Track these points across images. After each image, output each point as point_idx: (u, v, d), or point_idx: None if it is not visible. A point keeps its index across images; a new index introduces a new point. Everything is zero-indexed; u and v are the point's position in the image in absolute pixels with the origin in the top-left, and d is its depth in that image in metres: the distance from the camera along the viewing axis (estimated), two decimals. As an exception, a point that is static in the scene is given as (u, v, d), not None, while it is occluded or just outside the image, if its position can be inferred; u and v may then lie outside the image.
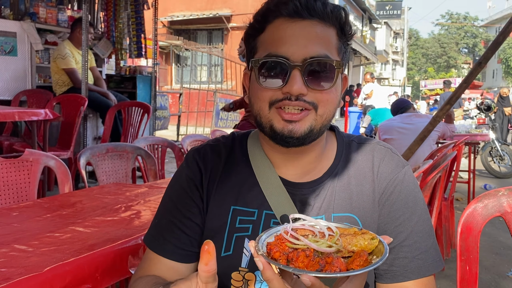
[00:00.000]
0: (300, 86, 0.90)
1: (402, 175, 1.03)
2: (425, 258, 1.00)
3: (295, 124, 0.92)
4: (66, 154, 4.48)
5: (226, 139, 1.11)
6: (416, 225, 1.01)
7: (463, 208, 4.88)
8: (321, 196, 1.01)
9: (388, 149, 1.07)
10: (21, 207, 1.76)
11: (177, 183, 1.08)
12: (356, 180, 1.03)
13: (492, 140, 7.90)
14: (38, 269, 1.08)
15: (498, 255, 4.10)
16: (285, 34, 0.92)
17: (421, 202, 1.04)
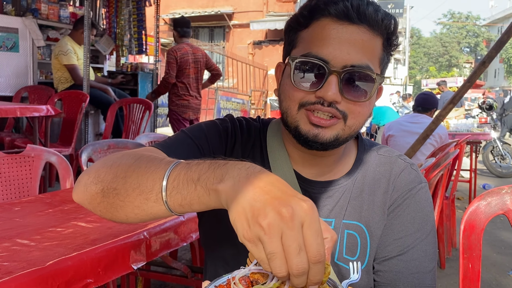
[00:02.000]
0: (335, 93, 0.86)
1: (415, 191, 1.00)
2: (422, 279, 0.97)
3: (322, 130, 0.90)
4: (67, 151, 4.48)
5: (255, 122, 1.08)
6: (419, 243, 0.97)
7: (464, 207, 4.94)
8: (334, 199, 0.99)
9: (408, 163, 1.04)
10: (23, 202, 1.76)
11: (215, 123, 1.02)
12: (369, 189, 1.00)
13: (494, 139, 7.89)
14: (40, 263, 1.08)
15: (499, 254, 4.09)
16: (329, 35, 0.88)
17: (430, 223, 1.00)
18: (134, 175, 0.70)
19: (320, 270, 0.55)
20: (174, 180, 0.65)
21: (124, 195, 0.70)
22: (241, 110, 11.20)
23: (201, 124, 1.03)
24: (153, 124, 6.17)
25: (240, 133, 1.04)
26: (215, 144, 0.99)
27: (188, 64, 5.35)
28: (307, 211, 0.56)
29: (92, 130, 5.43)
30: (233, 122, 1.05)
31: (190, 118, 5.51)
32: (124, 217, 0.73)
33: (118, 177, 0.72)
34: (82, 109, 4.68)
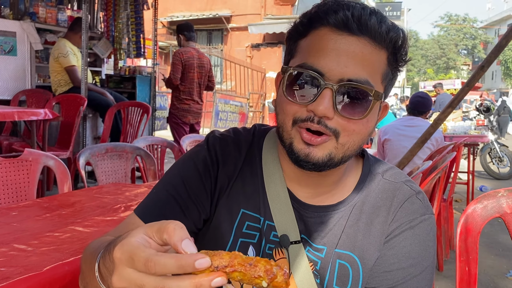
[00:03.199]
0: (326, 108, 0.80)
1: (416, 222, 0.92)
2: None
3: (313, 149, 0.84)
4: (65, 154, 4.48)
5: (247, 133, 1.02)
6: (410, 279, 0.89)
7: (462, 209, 4.93)
8: (328, 227, 0.93)
9: (414, 191, 0.95)
10: (20, 206, 1.75)
11: (191, 161, 0.96)
12: (367, 217, 0.93)
13: (491, 141, 7.90)
14: (37, 268, 1.08)
15: (497, 256, 4.10)
16: (327, 46, 0.82)
17: (428, 259, 0.92)
18: (88, 277, 0.73)
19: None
20: (105, 276, 0.64)
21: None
22: (239, 113, 11.21)
23: (178, 167, 0.97)
24: (151, 127, 6.17)
25: (222, 156, 0.97)
26: (196, 189, 0.94)
27: (192, 68, 5.37)
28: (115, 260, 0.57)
29: (90, 133, 5.43)
30: (213, 146, 0.98)
31: (190, 122, 5.53)
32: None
33: (85, 281, 0.76)
34: (80, 112, 4.68)
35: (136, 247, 0.55)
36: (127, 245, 0.55)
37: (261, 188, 0.95)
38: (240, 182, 0.96)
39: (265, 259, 0.55)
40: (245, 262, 0.54)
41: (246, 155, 0.98)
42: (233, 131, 1.03)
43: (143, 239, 0.56)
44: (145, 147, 3.50)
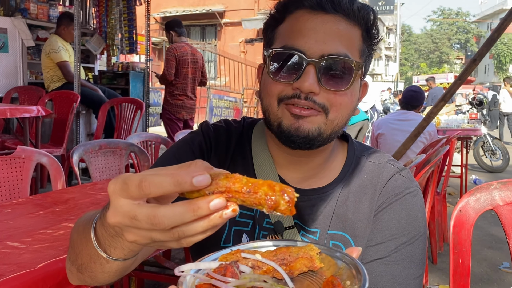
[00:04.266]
0: (312, 83, 0.84)
1: (402, 195, 0.95)
2: (405, 285, 0.90)
3: (303, 121, 0.86)
4: (59, 151, 4.46)
5: (238, 124, 1.05)
6: (403, 248, 0.91)
7: (456, 202, 4.91)
8: (319, 209, 0.96)
9: (397, 168, 0.99)
10: (13, 204, 1.74)
11: (187, 146, 1.00)
12: (355, 196, 0.96)
13: (484, 135, 7.96)
14: (31, 266, 1.07)
15: (490, 248, 4.13)
16: (304, 26, 0.86)
17: (418, 228, 0.94)
18: (80, 247, 0.71)
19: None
20: (102, 240, 0.63)
21: (87, 267, 0.70)
22: (233, 109, 11.19)
23: (173, 150, 1.00)
24: (145, 123, 6.15)
25: (215, 143, 1.00)
26: None
27: (186, 64, 5.36)
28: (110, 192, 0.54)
29: (84, 130, 5.40)
30: (207, 133, 1.02)
31: (184, 118, 5.51)
32: (106, 280, 0.72)
33: (75, 254, 0.73)
34: (73, 109, 4.65)
35: (130, 174, 0.53)
36: (122, 175, 0.53)
37: (252, 177, 0.95)
38: (232, 170, 0.96)
39: (269, 183, 0.51)
40: (244, 188, 0.50)
41: (236, 145, 1.01)
42: (224, 122, 1.06)
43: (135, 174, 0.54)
44: (139, 144, 3.48)
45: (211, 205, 0.49)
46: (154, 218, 0.50)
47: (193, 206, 0.49)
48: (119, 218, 0.53)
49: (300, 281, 0.60)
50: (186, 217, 0.49)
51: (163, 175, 0.50)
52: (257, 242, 0.66)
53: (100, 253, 0.63)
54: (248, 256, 0.60)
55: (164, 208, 0.50)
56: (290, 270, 0.59)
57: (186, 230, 0.51)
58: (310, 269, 0.60)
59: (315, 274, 0.60)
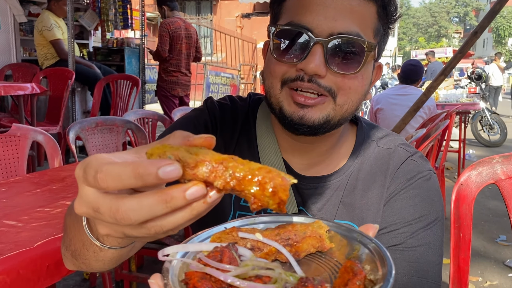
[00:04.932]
0: (318, 65, 0.76)
1: (415, 180, 0.89)
2: (423, 271, 0.84)
3: (308, 110, 0.79)
4: (55, 129, 4.42)
5: (243, 102, 0.98)
6: (420, 233, 0.85)
7: (453, 177, 4.96)
8: (325, 197, 0.90)
9: (409, 153, 0.92)
10: (10, 182, 1.72)
11: (191, 123, 0.93)
12: (363, 184, 0.90)
13: (483, 109, 7.94)
14: (28, 244, 1.06)
15: (487, 222, 4.17)
16: (313, 1, 0.78)
17: (435, 213, 0.88)
18: (73, 233, 0.64)
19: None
20: (93, 226, 0.56)
21: (81, 254, 0.64)
22: (230, 85, 11.10)
23: (176, 126, 0.93)
24: (142, 100, 6.09)
25: (221, 123, 0.94)
26: None
27: (180, 39, 5.26)
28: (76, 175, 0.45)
29: (80, 107, 5.35)
30: (212, 111, 0.95)
31: (179, 94, 5.45)
32: (102, 268, 0.67)
33: (69, 239, 0.67)
34: (68, 86, 4.59)
35: (92, 159, 0.42)
36: (86, 159, 0.43)
37: (258, 161, 0.92)
38: (238, 153, 0.93)
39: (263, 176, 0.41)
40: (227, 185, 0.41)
41: (242, 126, 0.95)
42: (229, 99, 0.99)
43: (108, 155, 0.44)
44: (136, 121, 3.45)
45: (187, 194, 0.40)
46: (117, 212, 0.41)
47: (165, 197, 0.40)
48: (84, 209, 0.44)
49: (307, 263, 0.52)
50: (157, 210, 0.40)
51: (123, 165, 0.40)
52: (255, 217, 0.57)
53: (93, 241, 0.55)
54: (247, 236, 0.51)
55: (130, 200, 0.41)
56: (296, 251, 0.51)
57: (163, 224, 0.42)
58: (318, 250, 0.52)
59: (324, 255, 0.52)
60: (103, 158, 0.42)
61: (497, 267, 3.21)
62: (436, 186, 0.91)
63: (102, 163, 0.41)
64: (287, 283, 0.43)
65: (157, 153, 0.42)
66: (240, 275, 0.44)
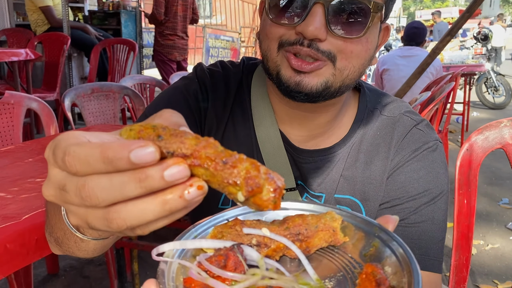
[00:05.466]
0: (318, 27, 0.69)
1: (420, 151, 0.84)
2: (425, 249, 0.81)
3: (305, 76, 0.73)
4: (52, 96, 4.35)
5: (236, 69, 0.91)
6: (423, 209, 0.82)
7: (456, 140, 4.89)
8: (325, 171, 0.85)
9: (414, 121, 0.86)
10: (1, 152, 1.68)
11: (181, 94, 0.87)
12: (366, 157, 0.85)
13: (488, 70, 7.78)
14: (16, 217, 1.02)
15: (490, 185, 4.14)
16: None
17: (439, 187, 0.83)
18: (54, 220, 0.60)
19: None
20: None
21: (63, 243, 0.60)
22: (231, 49, 10.90)
23: (164, 100, 0.88)
24: (139, 65, 5.98)
25: (212, 92, 0.87)
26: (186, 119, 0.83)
27: (176, 1, 5.10)
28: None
29: (77, 73, 5.25)
30: (202, 79, 0.89)
31: (177, 59, 5.33)
32: (86, 256, 0.63)
33: (51, 226, 0.63)
34: (64, 51, 4.48)
35: (61, 139, 0.37)
36: (56, 139, 0.38)
37: (253, 132, 0.87)
38: (231, 125, 0.87)
39: (253, 161, 0.36)
40: (219, 157, 0.35)
41: (236, 95, 0.89)
42: (221, 65, 0.92)
43: (80, 134, 0.38)
44: (133, 87, 3.37)
45: (166, 174, 0.34)
46: (83, 188, 0.35)
47: (139, 174, 0.34)
48: (51, 191, 0.39)
49: (318, 259, 0.47)
50: (128, 190, 0.34)
51: (92, 147, 0.35)
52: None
53: (74, 232, 0.51)
54: (252, 231, 0.45)
55: (99, 177, 0.35)
56: (306, 247, 0.46)
57: (128, 214, 0.35)
58: (331, 244, 0.47)
59: (337, 249, 0.47)
60: (74, 137, 0.37)
61: (499, 230, 3.21)
62: (442, 158, 0.86)
63: (71, 144, 0.36)
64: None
65: (137, 129, 0.36)
66: (249, 287, 0.38)
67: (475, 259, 2.77)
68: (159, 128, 0.35)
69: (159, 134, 0.35)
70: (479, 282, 2.52)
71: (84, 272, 2.54)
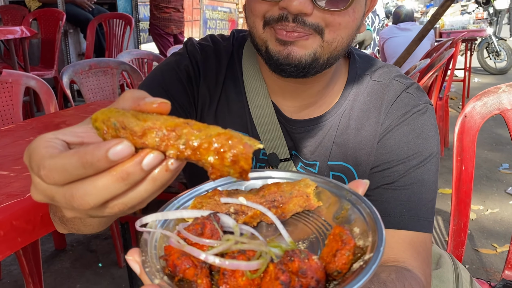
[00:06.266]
0: (302, 1, 0.68)
1: (410, 114, 0.84)
2: (415, 210, 0.81)
3: (292, 47, 0.72)
4: (50, 73, 4.33)
5: (227, 42, 0.91)
6: (413, 171, 0.82)
7: (457, 107, 4.88)
8: (317, 139, 0.87)
9: (404, 85, 0.87)
10: (2, 131, 1.69)
11: (172, 71, 0.87)
12: (356, 123, 0.86)
13: (490, 35, 7.68)
14: (20, 195, 1.03)
15: (490, 150, 4.16)
16: None
17: (429, 149, 0.84)
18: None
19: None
20: None
21: (68, 221, 0.62)
22: (228, 20, 10.74)
23: (157, 77, 0.87)
24: (137, 40, 5.91)
25: (203, 67, 0.87)
26: (182, 100, 0.85)
27: None
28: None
29: (74, 50, 5.20)
30: (193, 54, 0.88)
31: (173, 32, 5.26)
32: (92, 231, 0.65)
33: (54, 206, 0.64)
34: (60, 28, 4.43)
35: (35, 149, 0.38)
36: (31, 145, 0.39)
37: (246, 105, 0.87)
38: (224, 100, 0.88)
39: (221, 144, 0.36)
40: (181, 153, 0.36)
41: (228, 69, 0.89)
42: (211, 39, 0.92)
43: (53, 138, 0.39)
44: (131, 62, 3.35)
45: (144, 164, 0.36)
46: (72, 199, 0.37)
47: (120, 174, 0.36)
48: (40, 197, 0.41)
49: (293, 224, 0.50)
50: (115, 189, 0.37)
51: (67, 156, 0.36)
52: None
53: None
54: (230, 200, 0.48)
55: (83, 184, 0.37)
56: (282, 213, 0.49)
57: (125, 201, 0.38)
58: (306, 209, 0.50)
59: (311, 214, 0.50)
60: (46, 148, 0.38)
61: (499, 195, 3.24)
62: (432, 120, 0.87)
63: (44, 157, 0.37)
64: (273, 257, 0.40)
65: (101, 119, 0.37)
66: (223, 251, 0.41)
67: (474, 224, 2.81)
68: (120, 129, 0.37)
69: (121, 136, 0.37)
70: (479, 246, 2.57)
71: (91, 247, 2.60)
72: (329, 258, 0.40)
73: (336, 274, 0.39)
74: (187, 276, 0.39)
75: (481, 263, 2.42)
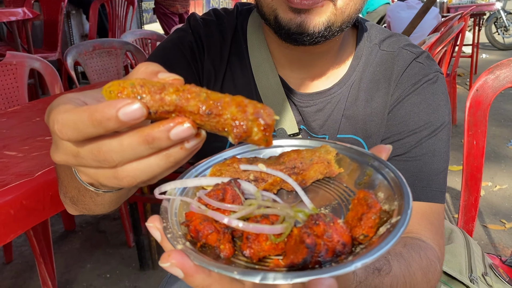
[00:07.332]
0: None
1: (420, 83, 0.82)
2: (427, 181, 0.80)
3: (307, 15, 0.69)
4: (54, 55, 4.30)
5: (230, 16, 0.89)
6: (424, 142, 0.81)
7: (465, 83, 4.82)
8: (326, 113, 0.84)
9: (414, 54, 0.85)
10: (9, 112, 1.68)
11: (176, 47, 0.86)
12: (366, 94, 0.84)
13: (498, 10, 7.52)
14: (29, 174, 1.03)
15: (499, 126, 4.12)
16: None
17: (440, 119, 0.82)
18: (66, 179, 0.60)
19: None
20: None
21: (79, 200, 0.61)
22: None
23: (160, 53, 0.86)
24: (140, 20, 5.86)
25: (207, 42, 0.85)
26: (184, 74, 0.82)
27: None
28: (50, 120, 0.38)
29: (77, 31, 5.17)
30: (196, 29, 0.86)
31: (179, 11, 5.20)
32: (103, 211, 0.64)
33: (64, 186, 0.63)
34: (62, 9, 4.38)
35: (53, 106, 0.37)
36: (52, 104, 0.38)
37: (252, 80, 0.86)
38: (230, 75, 0.86)
39: (239, 101, 0.36)
40: (202, 108, 0.35)
41: (232, 43, 0.86)
42: (214, 13, 0.90)
43: (74, 97, 0.38)
44: (135, 42, 3.32)
45: (172, 134, 0.35)
46: (98, 154, 0.36)
47: (146, 138, 0.35)
48: (62, 156, 0.39)
49: (314, 191, 0.49)
50: (140, 151, 0.36)
51: (79, 112, 0.35)
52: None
53: (87, 187, 0.52)
54: (249, 168, 0.47)
55: (110, 141, 0.36)
56: (302, 179, 0.48)
57: (136, 171, 0.37)
58: (327, 176, 0.49)
59: (332, 181, 0.49)
60: (64, 104, 0.37)
61: (507, 171, 3.22)
62: (443, 89, 0.85)
63: (59, 112, 0.36)
64: (297, 221, 0.39)
65: (116, 83, 0.35)
66: (245, 216, 0.40)
67: (483, 200, 2.80)
68: (137, 86, 0.35)
69: (138, 94, 0.35)
70: (487, 222, 2.56)
71: (100, 227, 2.62)
72: (354, 222, 0.39)
73: (362, 238, 0.38)
74: (210, 241, 0.39)
75: (490, 239, 2.41)
